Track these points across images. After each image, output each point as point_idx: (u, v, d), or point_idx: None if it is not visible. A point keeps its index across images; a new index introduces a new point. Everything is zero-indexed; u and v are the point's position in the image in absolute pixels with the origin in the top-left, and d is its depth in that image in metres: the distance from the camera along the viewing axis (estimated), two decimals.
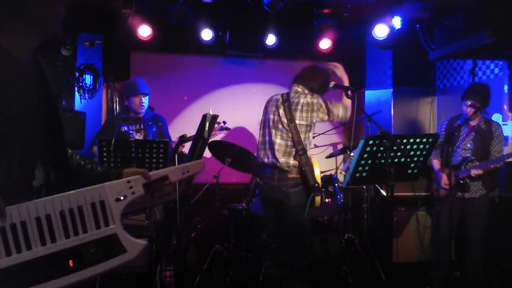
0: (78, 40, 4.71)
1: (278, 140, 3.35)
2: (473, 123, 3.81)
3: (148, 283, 3.58)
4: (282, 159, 3.31)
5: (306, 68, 3.51)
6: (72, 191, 1.52)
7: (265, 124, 3.51)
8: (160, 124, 4.24)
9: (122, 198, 1.57)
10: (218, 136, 4.23)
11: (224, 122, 4.20)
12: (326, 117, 3.34)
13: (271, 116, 3.44)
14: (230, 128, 4.19)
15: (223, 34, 5.02)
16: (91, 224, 1.52)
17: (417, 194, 4.50)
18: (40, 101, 1.61)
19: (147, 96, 4.14)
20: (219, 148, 4.29)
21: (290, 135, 3.31)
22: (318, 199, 3.24)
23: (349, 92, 3.35)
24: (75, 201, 1.51)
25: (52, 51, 4.45)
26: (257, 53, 5.28)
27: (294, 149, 3.30)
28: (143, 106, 4.10)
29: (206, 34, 4.89)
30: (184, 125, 5.04)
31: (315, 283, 3.78)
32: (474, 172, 3.64)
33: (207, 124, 3.28)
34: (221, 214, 4.39)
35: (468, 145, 3.80)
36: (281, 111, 3.36)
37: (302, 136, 3.30)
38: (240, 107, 5.34)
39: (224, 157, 4.26)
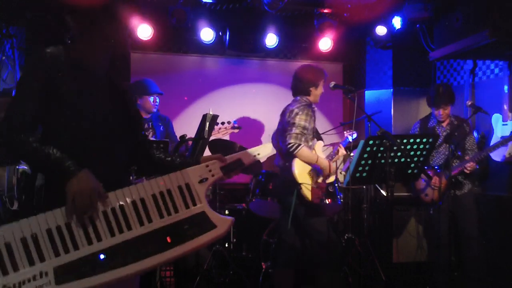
0: None
1: (274, 142, 3.52)
2: (445, 122, 3.96)
3: (148, 283, 3.58)
4: (280, 162, 3.44)
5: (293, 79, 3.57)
6: (160, 177, 1.70)
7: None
8: (166, 124, 4.26)
9: (204, 180, 1.75)
10: (227, 136, 4.24)
11: (235, 122, 4.22)
12: (294, 130, 3.27)
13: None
14: (241, 127, 4.19)
15: (223, 34, 5.02)
16: (181, 204, 1.68)
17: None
18: (117, 105, 1.81)
19: (159, 96, 4.19)
20: (219, 148, 4.29)
21: (280, 137, 3.43)
22: (307, 193, 3.23)
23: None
24: (163, 185, 1.68)
25: None
26: (257, 53, 5.28)
27: (283, 152, 3.37)
28: (156, 105, 4.15)
29: (206, 34, 4.89)
30: (184, 125, 5.04)
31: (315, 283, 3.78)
32: (469, 165, 3.69)
33: (207, 124, 3.28)
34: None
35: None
36: (281, 117, 3.50)
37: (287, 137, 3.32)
38: (240, 107, 5.34)
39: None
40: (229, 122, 4.14)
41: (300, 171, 3.28)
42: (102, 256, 1.53)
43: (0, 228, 1.49)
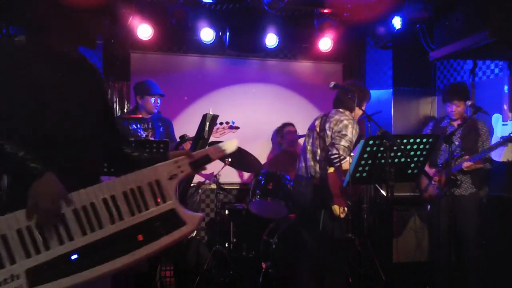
0: None
1: (308, 147, 3.49)
2: (457, 122, 3.92)
3: (148, 283, 3.58)
4: (310, 163, 3.43)
5: (339, 91, 3.51)
6: (130, 174, 1.67)
7: (306, 134, 3.64)
8: (167, 125, 4.27)
9: (174, 176, 1.72)
10: (224, 136, 4.23)
11: (233, 122, 4.22)
12: (343, 142, 3.22)
13: (310, 127, 3.59)
14: (239, 127, 4.19)
15: (223, 34, 5.02)
16: (151, 201, 1.66)
17: (416, 194, 4.50)
18: (92, 96, 1.78)
19: (161, 98, 4.20)
20: None
21: (317, 142, 3.42)
22: (336, 208, 3.23)
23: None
24: (134, 181, 1.65)
25: None
26: (257, 53, 5.29)
27: (318, 157, 3.39)
28: (158, 106, 4.18)
29: (206, 34, 4.89)
30: (184, 125, 5.04)
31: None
32: (465, 164, 3.69)
33: (207, 124, 3.28)
34: (221, 214, 4.39)
35: (456, 142, 3.85)
36: (317, 122, 3.51)
37: (334, 147, 3.29)
38: (240, 107, 5.34)
39: (224, 157, 4.26)
40: (227, 123, 4.15)
41: (334, 185, 3.25)
42: (74, 257, 1.50)
43: None
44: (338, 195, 3.24)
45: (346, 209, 3.27)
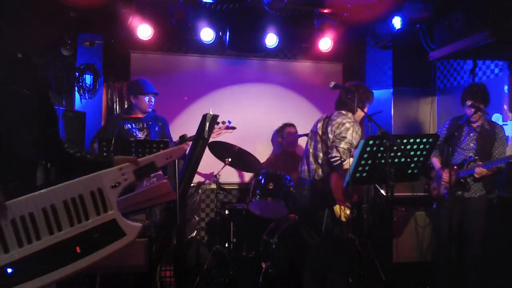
0: (78, 40, 4.70)
1: (311, 150, 3.49)
2: (476, 123, 3.79)
3: (148, 283, 3.58)
4: (313, 166, 3.43)
5: (341, 92, 3.50)
6: (72, 180, 1.61)
7: (309, 136, 3.62)
8: (162, 124, 4.25)
9: (116, 185, 1.67)
10: (224, 136, 4.23)
11: (229, 122, 4.21)
12: (342, 144, 3.25)
13: (312, 129, 3.58)
14: (235, 127, 4.19)
15: (223, 34, 5.02)
16: (92, 211, 1.60)
17: (416, 194, 4.50)
18: (34, 97, 1.70)
19: (155, 96, 4.18)
20: (219, 148, 4.29)
21: (319, 145, 3.42)
22: (337, 208, 3.23)
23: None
24: (75, 190, 1.59)
25: (53, 51, 4.44)
26: (257, 53, 5.28)
27: (321, 160, 3.39)
28: (151, 105, 4.15)
29: (206, 34, 4.89)
30: (184, 125, 5.04)
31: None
32: (478, 170, 3.62)
33: (207, 124, 3.28)
34: (221, 214, 4.39)
35: (471, 144, 3.79)
36: (319, 124, 3.50)
37: (334, 150, 3.32)
38: (240, 107, 5.34)
39: (224, 157, 4.26)
40: (223, 122, 4.14)
41: (336, 187, 3.25)
42: (9, 270, 1.45)
43: None
44: (341, 198, 3.23)
45: (348, 212, 3.27)
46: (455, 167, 3.80)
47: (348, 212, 3.27)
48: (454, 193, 3.74)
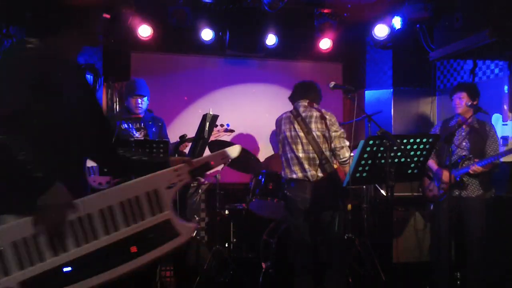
0: None
1: (300, 154, 3.45)
2: (467, 122, 3.81)
3: (148, 283, 3.58)
4: (311, 172, 3.41)
5: (297, 85, 3.69)
6: (128, 182, 1.65)
7: (283, 142, 3.58)
8: (159, 125, 4.23)
9: (172, 185, 1.69)
10: (222, 138, 4.24)
11: (228, 125, 4.22)
12: (338, 133, 3.43)
13: (288, 133, 3.52)
14: (234, 130, 4.19)
15: (223, 34, 5.02)
16: (147, 211, 1.63)
17: (416, 194, 4.50)
18: (85, 101, 1.76)
19: (145, 97, 4.07)
20: (219, 148, 4.27)
21: (310, 147, 3.41)
22: (349, 206, 3.30)
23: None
24: (132, 191, 1.62)
25: None
26: (257, 53, 5.28)
27: (318, 161, 3.39)
28: (140, 107, 4.04)
29: (206, 34, 4.89)
30: (184, 125, 5.04)
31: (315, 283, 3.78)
32: (473, 168, 3.64)
33: (207, 124, 3.28)
34: (221, 214, 4.39)
35: (464, 143, 3.82)
36: (297, 126, 3.46)
37: (323, 147, 3.41)
38: (240, 107, 5.34)
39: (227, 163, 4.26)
40: (221, 125, 4.14)
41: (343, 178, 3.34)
42: (66, 269, 1.48)
43: None
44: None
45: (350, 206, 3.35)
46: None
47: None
48: (453, 194, 3.75)
